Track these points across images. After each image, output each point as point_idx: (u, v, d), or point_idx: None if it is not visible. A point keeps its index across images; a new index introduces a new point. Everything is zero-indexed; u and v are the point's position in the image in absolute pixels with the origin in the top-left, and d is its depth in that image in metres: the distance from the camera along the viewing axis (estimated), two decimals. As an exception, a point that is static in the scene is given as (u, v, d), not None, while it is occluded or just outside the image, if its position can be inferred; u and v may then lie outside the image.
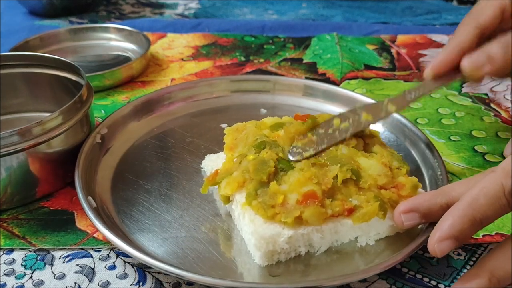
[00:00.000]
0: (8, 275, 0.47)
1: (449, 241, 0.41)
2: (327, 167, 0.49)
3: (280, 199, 0.46)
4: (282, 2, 1.22)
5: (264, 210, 0.46)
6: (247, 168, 0.49)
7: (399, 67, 0.87)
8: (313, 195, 0.46)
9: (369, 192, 0.48)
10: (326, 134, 0.53)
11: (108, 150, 0.61)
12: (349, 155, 0.51)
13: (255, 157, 0.50)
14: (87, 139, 0.59)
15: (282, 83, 0.74)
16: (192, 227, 0.51)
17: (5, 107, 0.67)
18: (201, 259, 0.47)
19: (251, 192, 0.48)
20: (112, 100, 0.76)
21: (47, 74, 0.66)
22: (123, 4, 1.22)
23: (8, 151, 0.51)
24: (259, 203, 0.47)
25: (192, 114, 0.70)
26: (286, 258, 0.47)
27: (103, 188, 0.56)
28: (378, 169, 0.50)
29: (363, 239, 0.49)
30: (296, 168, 0.49)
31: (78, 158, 0.56)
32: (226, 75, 0.84)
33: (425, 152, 0.59)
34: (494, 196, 0.40)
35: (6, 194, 0.53)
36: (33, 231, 0.52)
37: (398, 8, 1.17)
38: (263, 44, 0.96)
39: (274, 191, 0.47)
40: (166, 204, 0.54)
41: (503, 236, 0.51)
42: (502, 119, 0.71)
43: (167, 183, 0.57)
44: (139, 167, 0.60)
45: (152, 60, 0.88)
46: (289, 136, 0.53)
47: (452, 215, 0.41)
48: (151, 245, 0.49)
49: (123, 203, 0.54)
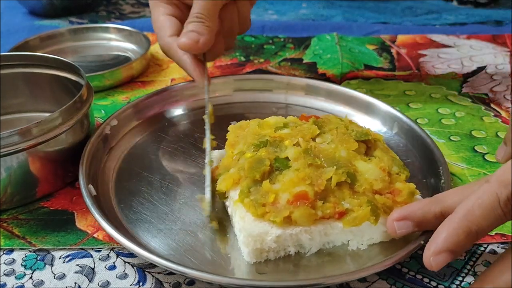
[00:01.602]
0: (8, 275, 0.47)
1: (445, 254, 0.40)
2: (323, 169, 0.49)
3: (271, 198, 0.47)
4: (282, 2, 1.22)
5: (255, 208, 0.46)
6: (242, 165, 0.50)
7: (399, 67, 0.87)
8: (305, 196, 0.46)
9: (363, 196, 0.48)
10: None
11: (117, 143, 0.62)
12: (347, 157, 0.51)
13: (253, 155, 0.51)
14: (96, 131, 0.60)
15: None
16: (188, 220, 0.52)
17: (5, 107, 0.67)
18: (192, 252, 0.48)
19: (244, 189, 0.48)
20: (112, 100, 0.76)
21: (47, 74, 0.66)
22: (123, 4, 1.22)
23: (8, 151, 0.51)
24: (251, 201, 0.47)
25: (202, 112, 0.68)
26: (275, 257, 0.47)
27: (106, 178, 0.57)
28: (375, 173, 0.50)
29: (354, 243, 0.48)
30: (291, 168, 0.49)
31: (85, 147, 0.57)
32: (226, 75, 0.84)
33: (431, 158, 0.58)
34: (489, 207, 0.40)
35: (6, 194, 0.53)
36: (33, 231, 0.52)
37: (398, 8, 1.17)
38: (263, 44, 0.96)
39: (266, 189, 0.47)
40: (166, 196, 0.55)
41: (503, 236, 0.51)
42: (502, 119, 0.71)
43: (170, 176, 0.58)
44: (145, 160, 0.61)
45: (152, 60, 0.88)
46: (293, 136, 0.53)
47: (447, 228, 0.41)
48: (145, 235, 0.50)
49: (125, 193, 0.56)
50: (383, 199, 0.48)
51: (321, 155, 0.51)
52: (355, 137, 0.54)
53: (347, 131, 0.54)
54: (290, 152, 0.51)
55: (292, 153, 0.50)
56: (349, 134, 0.54)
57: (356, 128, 0.56)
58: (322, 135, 0.54)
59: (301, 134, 0.53)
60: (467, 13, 1.12)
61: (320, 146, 0.52)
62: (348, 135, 0.54)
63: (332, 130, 0.55)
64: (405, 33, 0.99)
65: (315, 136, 0.54)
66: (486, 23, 1.06)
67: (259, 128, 0.55)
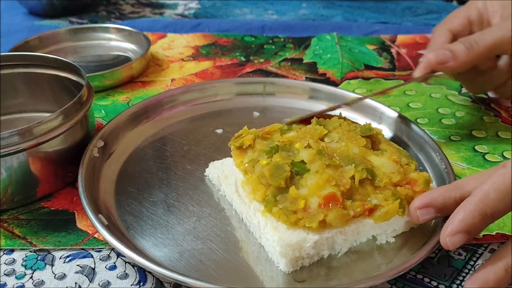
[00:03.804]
0: (8, 275, 0.47)
1: (460, 235, 0.42)
2: (342, 168, 0.49)
3: (302, 204, 0.46)
4: (282, 2, 1.22)
5: (287, 217, 0.45)
6: (262, 173, 0.48)
7: (399, 67, 0.87)
8: (334, 197, 0.46)
9: (386, 190, 0.48)
10: None
11: (106, 162, 0.59)
12: (361, 154, 0.51)
13: (268, 161, 0.49)
14: (85, 154, 0.57)
15: (273, 85, 0.74)
16: (207, 238, 0.50)
17: (5, 107, 0.67)
18: (223, 269, 0.46)
19: (270, 199, 0.47)
20: (112, 100, 0.76)
21: (47, 74, 0.66)
22: (123, 4, 1.22)
23: (8, 151, 0.51)
24: (280, 209, 0.46)
25: (184, 121, 0.69)
26: (309, 263, 0.47)
27: (107, 204, 0.54)
28: (390, 166, 0.50)
29: (382, 237, 0.49)
30: (311, 171, 0.48)
31: (79, 174, 0.54)
32: (226, 75, 0.84)
33: (422, 145, 0.61)
34: (504, 190, 0.41)
35: (6, 194, 0.53)
36: (33, 231, 0.52)
37: (398, 8, 1.17)
38: (263, 44, 0.96)
39: (294, 196, 0.46)
40: (176, 216, 0.53)
41: (504, 236, 0.51)
42: (502, 119, 0.71)
43: (173, 194, 0.56)
44: (140, 179, 0.58)
45: (152, 60, 0.88)
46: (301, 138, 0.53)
47: (463, 210, 0.42)
48: (169, 259, 0.47)
49: (131, 218, 0.52)
50: (405, 190, 0.48)
51: (334, 154, 0.51)
52: (360, 133, 0.54)
53: (351, 128, 0.55)
54: (304, 155, 0.50)
55: (307, 156, 0.50)
56: (354, 131, 0.54)
57: (354, 124, 0.56)
58: (329, 134, 0.54)
59: (310, 135, 0.53)
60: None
61: (330, 146, 0.52)
62: (354, 132, 0.54)
63: (337, 128, 0.55)
64: (405, 33, 0.99)
65: (322, 136, 0.54)
66: (486, 23, 1.06)
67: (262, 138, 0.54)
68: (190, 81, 0.82)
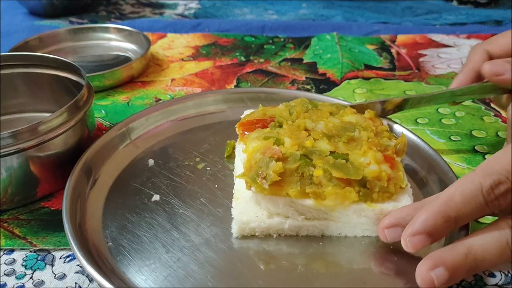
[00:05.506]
0: (8, 275, 0.47)
1: (421, 236, 0.41)
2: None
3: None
4: (282, 2, 1.22)
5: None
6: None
7: (399, 67, 0.87)
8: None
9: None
10: None
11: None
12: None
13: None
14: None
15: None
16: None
17: (5, 107, 0.67)
18: None
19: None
20: (112, 100, 0.76)
21: (47, 74, 0.66)
22: (123, 4, 1.22)
23: (8, 151, 0.51)
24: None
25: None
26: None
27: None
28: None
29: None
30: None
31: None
32: (226, 75, 0.84)
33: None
34: (470, 194, 0.40)
35: (6, 194, 0.53)
36: (33, 231, 0.52)
37: (398, 8, 1.18)
38: (263, 44, 0.96)
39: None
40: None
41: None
42: (502, 118, 0.71)
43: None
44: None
45: (152, 60, 0.88)
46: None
47: (426, 211, 0.41)
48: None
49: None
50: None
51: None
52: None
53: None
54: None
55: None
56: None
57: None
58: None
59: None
60: (467, 13, 1.12)
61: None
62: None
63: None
64: (405, 33, 1.00)
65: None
66: (486, 23, 1.07)
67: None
68: (190, 81, 0.82)
